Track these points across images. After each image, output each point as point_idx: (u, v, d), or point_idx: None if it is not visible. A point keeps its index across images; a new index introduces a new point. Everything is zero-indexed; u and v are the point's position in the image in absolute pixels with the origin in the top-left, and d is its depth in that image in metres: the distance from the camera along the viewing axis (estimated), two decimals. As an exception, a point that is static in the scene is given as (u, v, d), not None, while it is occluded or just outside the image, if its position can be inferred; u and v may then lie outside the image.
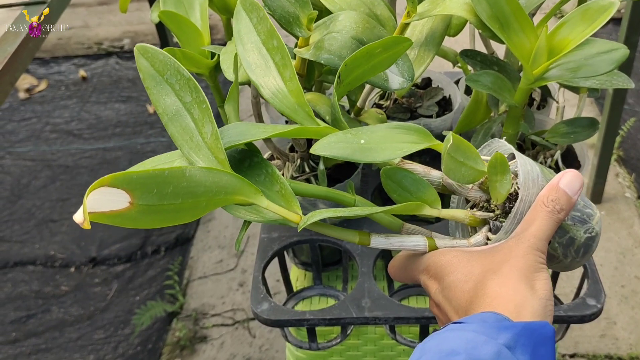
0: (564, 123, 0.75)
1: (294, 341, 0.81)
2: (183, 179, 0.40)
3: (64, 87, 2.45)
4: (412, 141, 0.49)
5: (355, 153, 0.47)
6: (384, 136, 0.49)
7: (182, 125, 0.47)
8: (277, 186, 0.49)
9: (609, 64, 0.59)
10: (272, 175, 0.49)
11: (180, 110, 0.47)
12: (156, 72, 0.48)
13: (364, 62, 0.52)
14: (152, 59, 0.48)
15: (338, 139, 0.48)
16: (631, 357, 1.39)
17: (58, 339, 1.55)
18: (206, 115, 0.47)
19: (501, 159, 0.48)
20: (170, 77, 0.47)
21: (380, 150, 0.47)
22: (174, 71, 0.47)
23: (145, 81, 0.48)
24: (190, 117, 0.47)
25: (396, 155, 0.48)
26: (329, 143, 0.47)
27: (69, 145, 2.16)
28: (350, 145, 0.47)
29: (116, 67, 2.53)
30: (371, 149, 0.47)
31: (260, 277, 0.77)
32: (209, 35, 0.71)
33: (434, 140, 0.50)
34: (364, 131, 0.49)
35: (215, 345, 1.50)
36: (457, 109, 0.89)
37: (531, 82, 0.62)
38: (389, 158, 0.48)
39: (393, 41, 0.51)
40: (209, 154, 0.46)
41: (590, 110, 2.03)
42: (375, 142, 0.48)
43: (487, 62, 0.72)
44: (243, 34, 0.55)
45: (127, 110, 2.30)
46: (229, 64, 0.64)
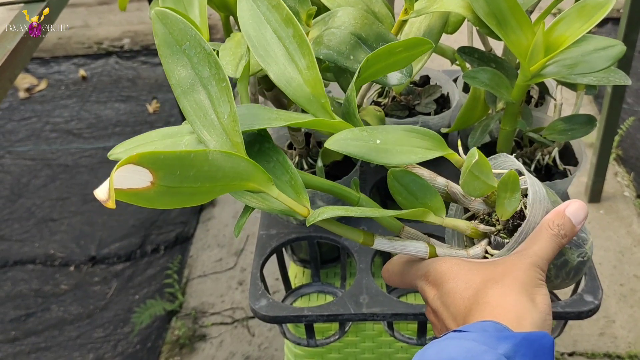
0: (562, 120, 0.75)
1: (292, 338, 0.81)
2: (205, 163, 0.38)
3: (63, 87, 2.45)
4: (426, 147, 0.49)
5: (370, 153, 0.46)
6: (399, 138, 0.48)
7: (196, 100, 0.45)
8: (287, 176, 0.48)
9: (605, 61, 0.59)
10: (283, 164, 0.48)
11: (196, 84, 0.44)
12: (174, 40, 0.44)
13: (383, 59, 0.51)
14: (171, 26, 0.44)
15: (354, 135, 0.47)
16: (630, 355, 1.39)
17: (57, 337, 1.55)
18: (225, 94, 0.44)
19: (514, 177, 0.48)
20: (188, 48, 0.44)
21: (396, 153, 0.47)
22: (194, 42, 0.44)
23: (160, 48, 0.44)
24: (206, 93, 0.45)
25: (411, 160, 0.47)
26: (345, 140, 0.46)
27: (68, 144, 2.16)
28: (366, 144, 0.46)
29: (116, 66, 2.54)
30: (386, 150, 0.47)
31: (259, 273, 0.77)
32: (208, 32, 0.71)
33: (448, 149, 0.50)
34: (379, 131, 0.48)
35: (215, 343, 1.51)
36: (455, 106, 0.89)
37: (528, 78, 0.62)
38: (404, 162, 0.47)
39: (415, 42, 0.50)
40: (224, 135, 0.44)
41: (589, 110, 2.03)
42: (391, 144, 0.47)
43: (485, 59, 0.73)
44: (252, 19, 0.52)
45: (127, 109, 2.30)
46: (228, 60, 0.64)
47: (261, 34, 0.51)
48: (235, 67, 0.63)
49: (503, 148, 0.75)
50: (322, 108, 0.49)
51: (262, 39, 0.51)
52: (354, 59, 0.59)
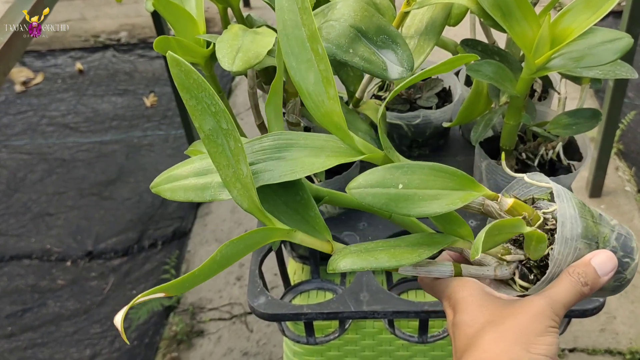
0: (566, 114, 0.74)
1: (291, 335, 0.79)
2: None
3: (60, 80, 2.44)
4: (453, 188, 0.45)
5: (389, 203, 0.43)
6: (424, 181, 0.44)
7: (219, 150, 0.44)
8: (312, 212, 0.48)
9: (612, 54, 0.58)
10: (308, 202, 0.48)
11: (218, 133, 0.44)
12: (192, 88, 0.43)
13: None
14: (186, 75, 0.43)
15: (376, 179, 0.44)
16: (631, 351, 1.38)
17: (54, 333, 1.54)
18: (240, 154, 0.43)
19: (538, 235, 0.44)
20: (205, 98, 0.43)
21: (418, 200, 0.44)
22: (209, 96, 0.43)
23: (182, 92, 0.43)
24: (227, 145, 0.44)
25: (434, 211, 0.44)
26: (366, 187, 0.43)
27: (65, 138, 2.14)
28: (387, 193, 0.43)
29: (113, 60, 2.52)
30: (407, 198, 0.43)
31: (257, 270, 0.76)
32: (205, 24, 0.69)
33: (483, 190, 0.46)
34: (404, 171, 0.44)
35: (213, 339, 1.49)
36: (457, 100, 0.88)
37: (533, 71, 0.61)
38: (426, 214, 0.44)
39: (457, 59, 0.48)
40: (245, 192, 0.44)
41: (591, 104, 2.01)
42: (414, 187, 0.44)
43: (488, 52, 0.71)
44: (289, 27, 0.46)
45: (124, 103, 2.28)
46: (225, 52, 0.62)
47: (298, 37, 0.46)
48: (232, 60, 0.62)
49: (506, 143, 0.73)
50: (348, 137, 0.47)
51: (298, 41, 0.46)
52: (354, 53, 0.58)
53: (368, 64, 0.59)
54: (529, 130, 0.78)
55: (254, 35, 0.66)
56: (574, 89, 0.84)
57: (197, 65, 0.71)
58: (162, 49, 0.64)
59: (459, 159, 0.90)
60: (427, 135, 0.88)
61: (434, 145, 0.91)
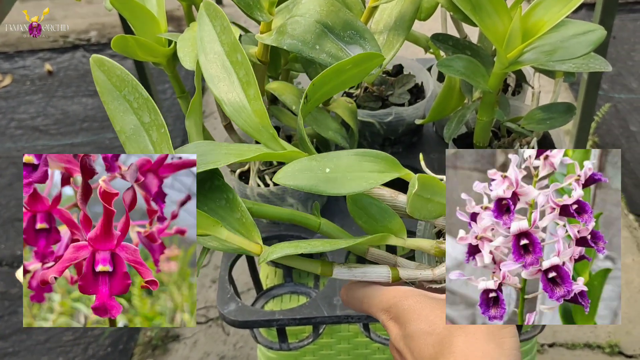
0: (540, 109, 0.72)
1: (264, 342, 0.77)
2: None
3: (29, 82, 2.39)
4: (379, 170, 0.46)
5: (319, 184, 0.44)
6: (350, 165, 0.46)
7: (141, 147, 0.45)
8: (237, 213, 0.46)
9: (586, 46, 0.56)
10: (233, 202, 0.47)
11: (139, 130, 0.45)
12: (113, 87, 0.45)
13: (333, 79, 0.49)
14: (108, 73, 0.44)
15: (303, 166, 0.45)
16: (610, 344, 1.38)
17: (25, 341, 1.50)
18: (164, 141, 0.44)
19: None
20: (128, 94, 0.44)
21: (346, 181, 0.45)
22: (132, 89, 0.44)
23: (103, 95, 0.44)
24: (149, 138, 0.45)
25: (362, 188, 0.45)
26: (294, 172, 0.45)
27: (35, 141, 2.10)
28: (315, 175, 0.44)
29: (83, 60, 2.47)
30: (336, 179, 0.44)
31: (227, 276, 0.73)
32: (166, 22, 0.67)
33: (403, 170, 0.47)
34: (330, 158, 0.46)
35: (189, 344, 1.47)
36: (429, 96, 0.86)
37: (505, 66, 0.59)
38: (354, 190, 0.45)
39: (365, 57, 0.48)
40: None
41: (565, 97, 2.02)
42: (341, 171, 0.45)
43: (460, 47, 0.69)
44: (206, 43, 0.51)
45: (95, 104, 2.24)
46: (186, 52, 0.60)
47: (212, 57, 0.50)
48: (194, 59, 0.60)
49: (480, 139, 0.72)
50: (272, 137, 0.48)
51: (213, 63, 0.50)
52: (320, 49, 0.56)
53: (335, 61, 0.57)
54: (503, 126, 0.76)
55: (217, 33, 0.63)
56: (548, 82, 0.83)
57: (159, 65, 0.68)
58: (121, 49, 0.61)
59: (433, 157, 0.88)
60: (399, 132, 0.87)
61: (407, 142, 0.89)
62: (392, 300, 0.44)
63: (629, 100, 2.02)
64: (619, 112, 1.98)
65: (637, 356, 1.37)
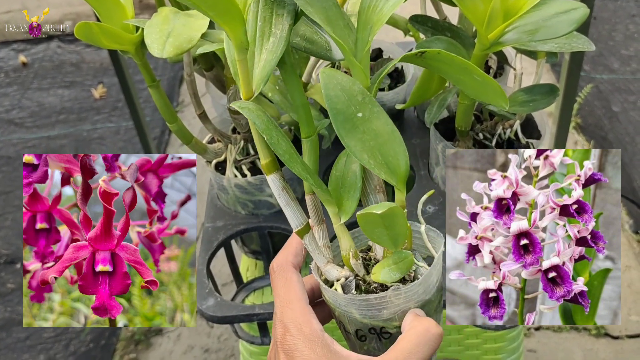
0: (522, 91, 0.70)
1: (245, 336, 0.75)
2: None
3: (3, 74, 2.34)
4: None
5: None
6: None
7: None
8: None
9: (568, 25, 0.54)
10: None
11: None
12: None
13: None
14: None
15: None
16: (596, 327, 1.37)
17: (5, 339, 1.47)
18: None
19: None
20: None
21: None
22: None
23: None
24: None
25: None
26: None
27: (10, 135, 2.05)
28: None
29: (58, 51, 2.42)
30: None
31: (205, 270, 0.71)
32: (133, 8, 0.64)
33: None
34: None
35: (172, 337, 1.44)
36: (410, 80, 0.84)
37: (486, 47, 0.57)
38: None
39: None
40: None
41: (547, 78, 2.00)
42: None
43: (439, 28, 0.67)
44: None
45: (72, 95, 2.20)
46: (154, 38, 0.57)
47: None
48: (162, 46, 0.57)
49: (462, 123, 0.70)
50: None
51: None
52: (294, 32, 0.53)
53: (310, 44, 0.54)
54: (485, 109, 0.74)
55: (187, 18, 0.61)
56: (530, 63, 0.81)
57: (127, 53, 0.65)
58: (85, 37, 0.58)
59: (415, 142, 0.86)
60: (380, 118, 0.84)
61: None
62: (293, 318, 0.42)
63: (610, 81, 2.01)
64: (601, 92, 1.97)
65: (623, 337, 1.37)
